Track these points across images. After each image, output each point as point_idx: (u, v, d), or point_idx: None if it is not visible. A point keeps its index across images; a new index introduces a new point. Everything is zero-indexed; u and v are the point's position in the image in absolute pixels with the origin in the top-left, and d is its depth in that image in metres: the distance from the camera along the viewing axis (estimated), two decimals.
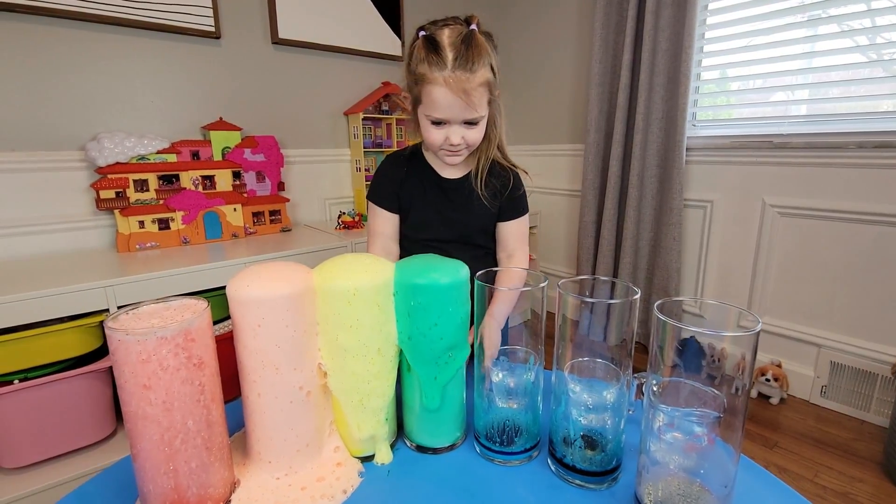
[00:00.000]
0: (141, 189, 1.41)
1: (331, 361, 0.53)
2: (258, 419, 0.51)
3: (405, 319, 0.53)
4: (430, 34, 0.75)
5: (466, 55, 0.72)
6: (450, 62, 0.72)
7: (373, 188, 0.92)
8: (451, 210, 0.88)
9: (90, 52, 1.39)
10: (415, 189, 0.89)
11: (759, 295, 1.72)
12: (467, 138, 0.79)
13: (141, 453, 0.43)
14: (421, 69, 0.75)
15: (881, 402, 1.49)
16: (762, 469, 0.54)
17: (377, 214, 0.91)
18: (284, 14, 1.72)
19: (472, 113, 0.76)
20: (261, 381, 0.49)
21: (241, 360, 0.50)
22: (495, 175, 0.88)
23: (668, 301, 0.46)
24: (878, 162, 1.41)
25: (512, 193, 0.88)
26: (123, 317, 0.44)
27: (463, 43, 0.73)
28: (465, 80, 0.73)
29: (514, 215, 0.90)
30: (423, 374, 0.54)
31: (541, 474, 0.53)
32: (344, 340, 0.52)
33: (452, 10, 2.23)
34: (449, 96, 0.73)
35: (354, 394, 0.53)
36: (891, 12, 1.38)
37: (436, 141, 0.79)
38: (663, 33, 1.71)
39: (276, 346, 0.49)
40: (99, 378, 1.16)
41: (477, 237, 0.91)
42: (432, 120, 0.78)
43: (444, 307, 0.52)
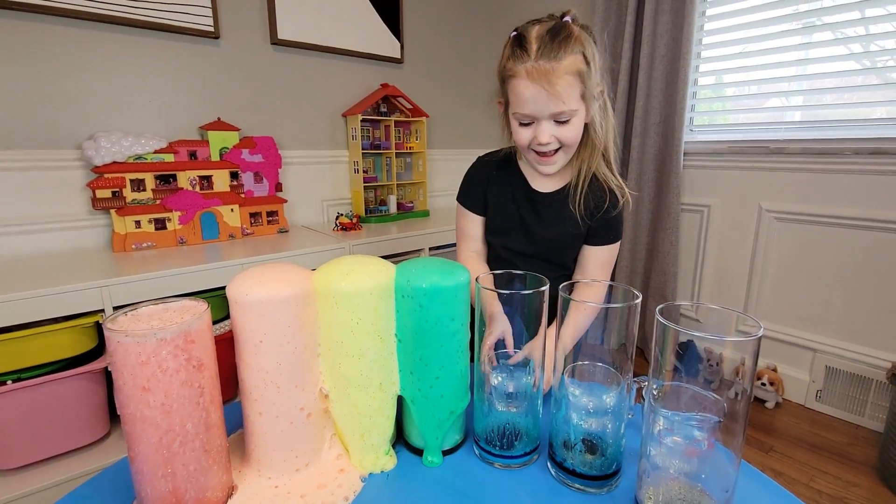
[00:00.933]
0: (138, 189, 1.40)
1: (333, 390, 0.53)
2: (259, 439, 0.51)
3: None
4: (520, 31, 0.72)
5: (551, 44, 0.68)
6: (533, 53, 0.69)
7: (461, 189, 0.90)
8: (537, 225, 0.82)
9: (88, 51, 1.38)
10: (502, 194, 0.84)
11: (754, 299, 1.73)
12: (559, 137, 0.72)
13: (139, 456, 0.43)
14: (507, 65, 0.72)
15: (876, 406, 1.49)
16: (760, 473, 0.54)
17: (465, 216, 0.89)
18: (284, 15, 1.72)
19: (558, 105, 0.69)
20: (262, 399, 0.49)
21: (242, 377, 0.50)
22: (592, 191, 0.79)
23: (670, 305, 0.46)
24: (874, 168, 1.43)
25: (606, 214, 0.79)
26: (122, 318, 0.44)
27: (549, 33, 0.69)
28: (549, 69, 0.67)
29: (604, 241, 0.81)
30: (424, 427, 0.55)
31: (541, 478, 0.53)
32: (346, 370, 0.52)
33: (451, 11, 2.25)
34: (531, 87, 0.69)
35: (356, 428, 0.54)
36: (884, 20, 1.40)
37: (524, 142, 0.74)
38: (661, 39, 1.72)
39: (277, 363, 0.49)
40: (93, 379, 1.15)
41: (559, 257, 0.84)
42: (520, 119, 0.74)
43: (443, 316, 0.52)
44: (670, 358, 0.44)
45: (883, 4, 1.38)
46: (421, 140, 2.09)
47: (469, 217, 0.89)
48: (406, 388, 0.55)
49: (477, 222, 0.89)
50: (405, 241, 1.71)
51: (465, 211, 0.89)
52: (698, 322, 0.48)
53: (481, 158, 0.91)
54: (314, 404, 0.52)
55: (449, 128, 2.37)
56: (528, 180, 0.83)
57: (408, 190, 2.17)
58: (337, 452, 0.55)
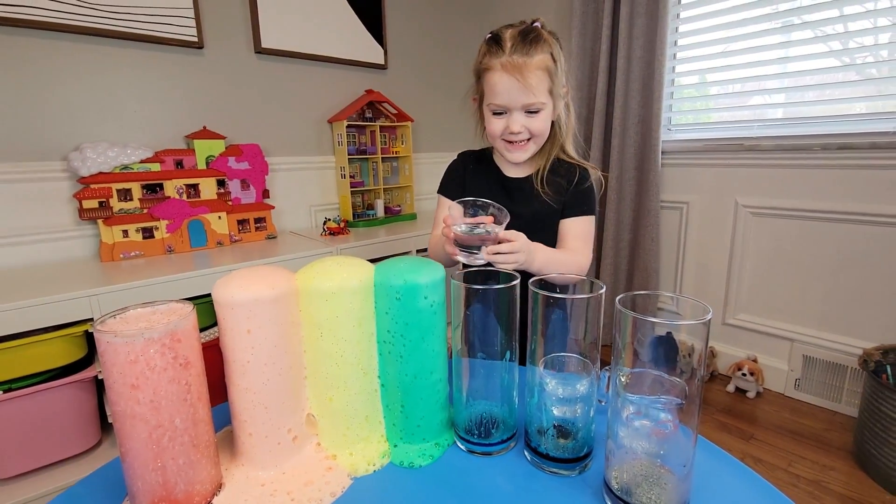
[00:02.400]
0: (124, 198, 1.42)
1: (315, 390, 0.56)
2: (248, 458, 0.54)
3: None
4: (495, 33, 0.80)
5: (523, 43, 0.76)
6: (507, 49, 0.76)
7: (442, 182, 0.97)
8: (513, 207, 0.88)
9: (73, 63, 1.39)
10: (479, 183, 0.92)
11: (734, 292, 1.78)
12: (529, 127, 0.79)
13: (130, 451, 0.45)
14: (483, 61, 0.79)
15: (851, 392, 1.55)
16: (714, 446, 0.58)
17: (443, 204, 0.95)
18: (267, 24, 1.75)
19: (529, 97, 0.77)
20: (251, 420, 0.52)
21: (232, 399, 0.53)
22: (561, 173, 0.87)
23: (629, 295, 0.49)
24: (841, 163, 1.48)
25: (577, 187, 0.86)
26: (111, 320, 0.46)
27: (521, 34, 0.77)
28: (522, 63, 0.75)
29: (577, 212, 0.87)
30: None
31: (518, 464, 0.56)
32: (328, 366, 0.55)
33: (433, 18, 2.29)
34: (505, 78, 0.76)
35: (346, 451, 0.56)
36: (862, 17, 1.44)
37: (496, 130, 0.81)
38: (637, 41, 1.77)
39: (263, 383, 0.51)
40: (84, 388, 1.16)
41: (538, 234, 0.88)
42: (493, 110, 0.80)
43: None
44: (629, 343, 0.47)
45: (861, 1, 1.42)
46: (406, 144, 2.12)
47: (447, 205, 0.94)
48: (386, 382, 0.57)
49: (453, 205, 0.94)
50: (393, 244, 1.73)
51: (443, 199, 0.95)
52: (678, 314, 0.51)
53: (463, 153, 0.98)
54: (300, 427, 0.55)
55: (434, 132, 2.41)
56: (502, 170, 0.92)
57: (395, 194, 2.19)
58: (325, 453, 0.57)
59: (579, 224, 0.87)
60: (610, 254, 1.97)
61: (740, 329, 1.79)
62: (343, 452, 0.56)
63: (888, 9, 1.40)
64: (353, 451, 0.56)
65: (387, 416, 0.59)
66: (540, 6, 2.21)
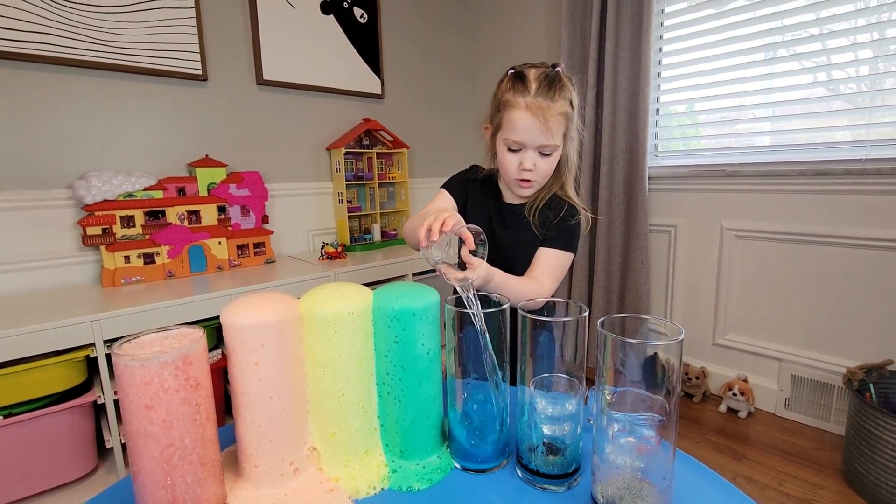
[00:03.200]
0: (127, 225, 1.45)
1: (324, 450, 0.59)
2: (252, 481, 0.56)
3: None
4: (519, 70, 0.84)
5: (549, 87, 0.80)
6: (533, 90, 0.80)
7: (449, 181, 0.99)
8: (502, 230, 0.94)
9: (80, 95, 1.45)
10: (478, 200, 0.96)
11: (723, 313, 1.82)
12: (539, 167, 0.84)
13: (142, 470, 0.47)
14: (506, 96, 0.83)
15: (839, 411, 1.57)
16: (692, 458, 0.61)
17: (442, 197, 0.96)
18: (269, 56, 1.82)
19: (548, 139, 0.81)
20: (257, 454, 0.55)
21: (239, 432, 0.56)
22: (552, 207, 0.91)
23: (614, 317, 0.53)
24: (819, 188, 1.55)
25: (562, 222, 0.89)
26: (127, 345, 0.49)
27: (546, 78, 0.81)
28: (546, 106, 0.79)
29: (555, 245, 0.89)
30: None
31: (509, 481, 0.59)
32: (327, 384, 0.58)
33: (428, 49, 2.39)
34: (528, 119, 0.80)
35: (348, 474, 0.58)
36: (846, 50, 1.52)
37: (511, 166, 0.85)
38: (623, 73, 1.86)
39: (269, 416, 0.55)
40: (82, 413, 1.17)
41: (521, 262, 0.92)
42: (509, 145, 0.84)
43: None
44: (610, 363, 0.50)
45: (846, 35, 1.50)
46: (402, 170, 2.18)
47: (446, 197, 0.96)
48: (386, 423, 0.61)
49: (450, 202, 0.96)
50: (389, 267, 1.77)
51: (444, 192, 0.96)
52: (665, 335, 0.55)
53: (472, 169, 1.01)
54: (302, 460, 0.58)
55: (429, 158, 2.48)
56: (503, 196, 0.97)
57: (391, 218, 2.24)
58: (326, 476, 0.59)
59: (553, 256, 0.89)
60: (602, 276, 2.01)
61: (730, 349, 1.83)
62: (344, 475, 0.58)
63: (868, 42, 1.48)
64: (355, 474, 0.58)
65: (387, 452, 0.62)
66: (529, 43, 2.32)
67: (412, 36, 2.34)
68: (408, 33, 2.32)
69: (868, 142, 1.48)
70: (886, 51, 1.46)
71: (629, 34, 1.83)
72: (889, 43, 1.45)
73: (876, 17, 1.47)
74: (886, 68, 1.47)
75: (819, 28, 1.56)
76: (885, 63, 1.47)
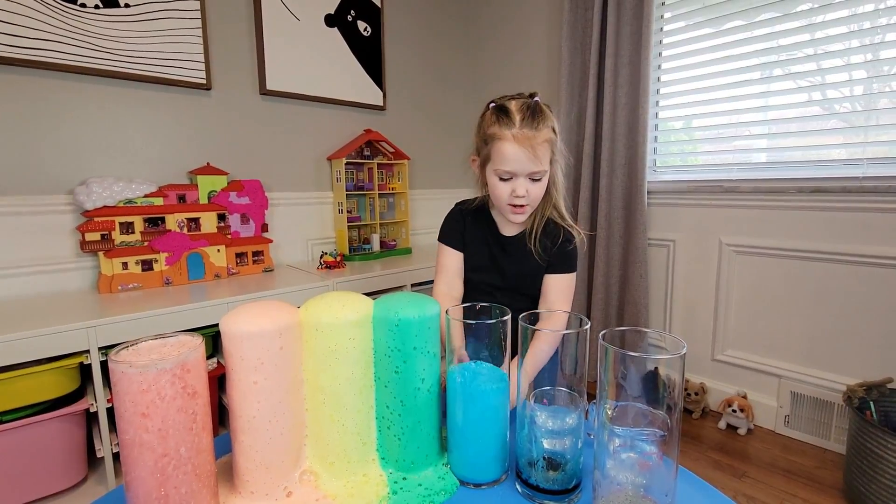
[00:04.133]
0: (126, 231, 1.45)
1: (322, 472, 0.58)
2: (247, 500, 0.56)
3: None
4: (500, 104, 0.89)
5: (531, 117, 0.85)
6: (517, 122, 0.85)
7: (442, 230, 1.02)
8: (507, 262, 0.97)
9: (82, 101, 1.46)
10: (476, 236, 0.99)
11: (721, 328, 1.82)
12: (531, 192, 0.88)
13: (135, 480, 0.46)
14: (492, 130, 0.87)
15: (839, 430, 1.56)
16: (693, 475, 0.60)
17: (444, 252, 1.00)
18: (273, 67, 1.84)
19: (536, 165, 0.85)
20: (252, 480, 0.55)
21: (236, 456, 0.55)
22: (548, 233, 0.95)
23: (614, 331, 0.53)
24: (816, 205, 1.56)
25: (561, 248, 0.94)
26: (124, 352, 0.49)
27: (528, 108, 0.86)
28: (531, 135, 0.84)
29: (560, 270, 0.95)
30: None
31: (509, 496, 0.58)
32: (327, 387, 0.57)
33: (429, 63, 2.42)
34: (516, 149, 0.84)
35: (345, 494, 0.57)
36: (840, 70, 1.54)
37: (503, 195, 0.88)
38: (622, 89, 1.88)
39: (266, 441, 0.54)
40: (74, 421, 1.16)
41: (527, 287, 0.98)
42: (500, 175, 0.88)
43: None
44: (612, 376, 0.50)
45: (840, 56, 1.53)
46: (403, 181, 2.19)
47: (449, 253, 1.00)
48: (386, 455, 0.61)
49: (456, 257, 1.00)
50: (388, 278, 1.77)
51: (445, 248, 1.01)
52: (665, 349, 0.55)
53: (459, 205, 1.04)
54: (295, 484, 0.57)
55: (429, 169, 2.49)
56: (498, 226, 0.99)
57: (390, 229, 2.24)
58: (323, 493, 0.58)
59: (561, 281, 0.95)
60: (601, 289, 2.01)
61: (729, 365, 1.82)
62: (343, 493, 0.57)
63: (862, 63, 1.51)
64: (354, 492, 0.57)
65: (384, 463, 0.61)
66: (530, 58, 2.35)
67: (415, 50, 2.37)
68: (411, 47, 2.35)
69: (865, 160, 1.50)
70: (880, 71, 1.48)
71: (628, 51, 1.85)
72: (882, 64, 1.47)
73: (869, 38, 1.50)
74: (880, 88, 1.49)
75: (814, 48, 1.58)
76: (878, 84, 1.50)
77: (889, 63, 1.46)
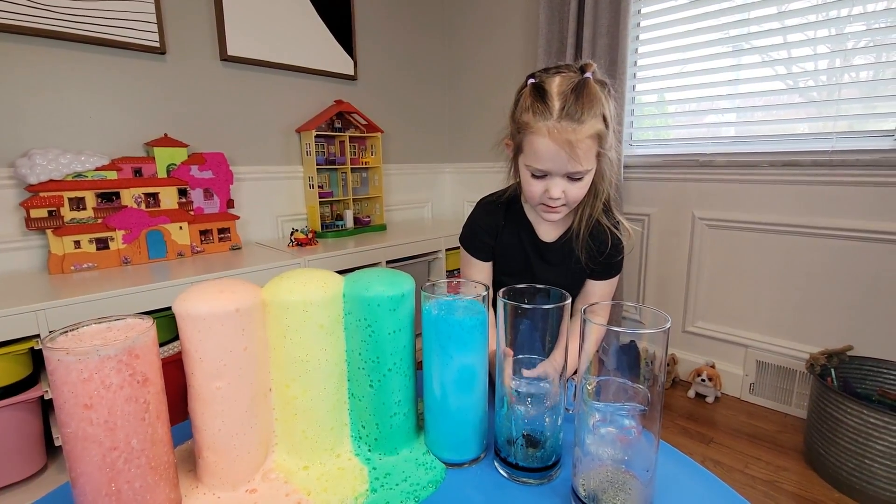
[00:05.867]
0: (77, 207, 1.35)
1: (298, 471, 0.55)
2: (211, 490, 0.52)
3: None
4: (539, 82, 0.71)
5: (575, 105, 0.67)
6: (556, 112, 0.68)
7: (467, 235, 0.89)
8: (544, 270, 0.86)
9: (22, 65, 1.33)
10: (511, 241, 0.86)
11: (692, 301, 1.86)
12: (568, 193, 0.74)
13: (81, 476, 0.42)
14: (525, 118, 0.71)
15: (801, 395, 1.63)
16: (675, 450, 0.60)
17: (470, 263, 0.88)
18: (234, 31, 1.72)
19: (575, 166, 0.70)
20: (216, 471, 0.51)
21: (199, 472, 0.52)
22: (594, 236, 0.82)
23: (592, 305, 0.51)
24: (787, 179, 1.58)
25: (609, 258, 0.82)
26: (62, 337, 0.44)
27: (573, 92, 0.67)
28: (571, 131, 0.67)
29: (605, 276, 0.85)
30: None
31: (488, 474, 0.56)
32: (296, 373, 0.53)
33: (403, 29, 2.31)
34: (552, 147, 0.69)
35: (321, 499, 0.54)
36: (804, 45, 1.56)
37: (535, 194, 0.76)
38: (600, 60, 1.84)
39: (231, 428, 0.51)
40: (28, 409, 1.09)
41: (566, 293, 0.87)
42: (533, 172, 0.74)
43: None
44: (596, 353, 0.48)
45: (803, 30, 1.54)
46: (376, 155, 2.12)
47: (475, 265, 0.89)
48: (354, 392, 0.57)
49: (483, 269, 0.89)
50: (362, 255, 1.72)
51: (470, 258, 0.89)
52: (640, 323, 0.53)
53: (488, 203, 0.90)
54: (264, 474, 0.54)
55: (404, 143, 2.42)
56: (534, 226, 0.86)
57: (364, 204, 2.18)
58: (294, 487, 0.54)
59: (605, 287, 0.86)
60: None
61: (699, 336, 1.87)
62: (316, 488, 0.53)
63: (827, 37, 1.52)
64: (328, 486, 0.53)
65: (357, 448, 0.58)
66: (506, 24, 2.27)
67: (386, 15, 2.26)
68: (382, 11, 2.23)
69: (834, 133, 1.52)
70: (844, 46, 1.49)
71: (607, 20, 1.81)
72: (845, 39, 1.48)
73: (836, 11, 1.49)
74: (844, 63, 1.51)
75: (780, 22, 1.58)
76: (841, 59, 1.51)
77: (855, 37, 1.47)
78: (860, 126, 1.50)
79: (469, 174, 2.57)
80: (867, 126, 1.49)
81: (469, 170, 2.56)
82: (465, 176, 2.59)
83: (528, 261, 0.87)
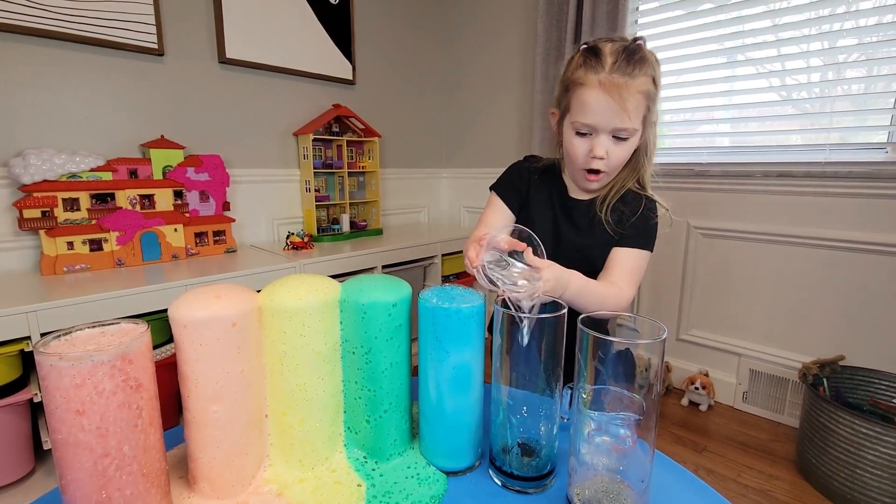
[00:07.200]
0: (71, 208, 1.34)
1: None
2: (204, 498, 0.52)
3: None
4: (593, 44, 0.73)
5: (628, 61, 0.69)
6: (608, 65, 0.70)
7: (502, 180, 0.87)
8: (571, 231, 0.83)
9: (18, 65, 1.32)
10: (541, 196, 0.85)
11: (687, 309, 1.87)
12: (612, 154, 0.73)
13: (71, 483, 0.42)
14: (576, 74, 0.72)
15: (793, 404, 1.64)
16: (670, 460, 0.60)
17: (494, 206, 0.86)
18: (232, 34, 1.72)
19: (623, 121, 0.70)
20: (210, 478, 0.51)
21: (192, 455, 0.51)
22: (627, 202, 0.80)
23: (591, 315, 0.51)
24: (781, 189, 1.60)
25: (642, 219, 0.79)
26: (55, 342, 0.43)
27: (625, 51, 0.70)
28: (623, 83, 0.69)
29: (632, 244, 0.79)
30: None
31: (483, 483, 0.56)
32: (292, 380, 0.53)
33: (402, 35, 2.32)
34: (602, 97, 0.69)
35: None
36: (797, 57, 1.58)
37: (579, 153, 0.74)
38: None
39: (226, 436, 0.50)
40: (16, 412, 1.07)
41: (590, 263, 0.81)
42: (578, 129, 0.73)
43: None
44: (592, 362, 0.48)
45: (797, 43, 1.56)
46: (374, 159, 2.12)
47: (499, 208, 0.86)
48: (349, 398, 0.57)
49: (504, 215, 0.86)
50: (358, 259, 1.72)
51: (497, 200, 0.86)
52: (636, 331, 0.53)
53: (528, 159, 0.90)
54: (256, 482, 0.53)
55: (401, 148, 2.42)
56: (567, 187, 0.85)
57: (361, 208, 2.18)
58: (287, 500, 0.54)
59: (631, 256, 0.79)
60: None
61: (692, 344, 1.88)
62: (311, 501, 0.53)
63: (820, 50, 1.54)
64: (322, 500, 0.52)
65: (351, 457, 0.58)
66: (506, 33, 2.29)
67: (386, 20, 2.27)
68: (381, 17, 2.24)
69: (828, 145, 1.54)
70: (836, 60, 1.51)
71: (604, 31, 1.82)
72: (838, 52, 1.50)
73: (828, 26, 1.52)
74: (836, 76, 1.53)
75: (774, 35, 1.60)
76: (833, 72, 1.53)
77: (846, 51, 1.49)
78: (852, 138, 1.52)
79: (466, 180, 2.58)
80: (859, 138, 1.51)
81: (466, 175, 2.57)
82: (462, 181, 2.60)
83: (556, 221, 0.84)
